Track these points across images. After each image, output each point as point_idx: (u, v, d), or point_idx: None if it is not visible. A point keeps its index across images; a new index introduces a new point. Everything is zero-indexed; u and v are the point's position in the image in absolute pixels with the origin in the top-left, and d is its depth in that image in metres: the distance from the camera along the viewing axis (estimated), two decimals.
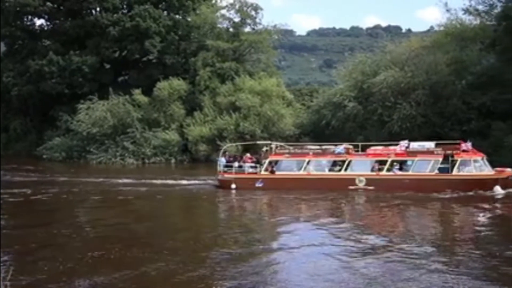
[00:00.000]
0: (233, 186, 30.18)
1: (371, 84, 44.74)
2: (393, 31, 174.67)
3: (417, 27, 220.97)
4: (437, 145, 29.39)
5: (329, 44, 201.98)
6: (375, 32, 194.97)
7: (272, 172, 30.43)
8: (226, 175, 30.99)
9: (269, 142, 33.08)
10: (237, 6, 54.66)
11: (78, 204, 27.18)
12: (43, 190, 30.49)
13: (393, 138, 37.79)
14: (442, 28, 49.90)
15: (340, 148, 30.38)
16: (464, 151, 28.50)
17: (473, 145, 29.30)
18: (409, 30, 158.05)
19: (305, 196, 27.47)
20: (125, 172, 41.56)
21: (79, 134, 51.62)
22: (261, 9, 54.99)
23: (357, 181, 28.98)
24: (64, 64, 54.49)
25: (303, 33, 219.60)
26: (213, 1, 58.55)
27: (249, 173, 30.99)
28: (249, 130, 47.66)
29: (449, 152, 28.47)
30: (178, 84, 51.35)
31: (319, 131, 47.47)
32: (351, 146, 31.12)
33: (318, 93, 56.31)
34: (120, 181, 34.75)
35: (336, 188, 28.37)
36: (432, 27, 65.38)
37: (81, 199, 28.57)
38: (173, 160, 49.77)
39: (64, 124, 53.78)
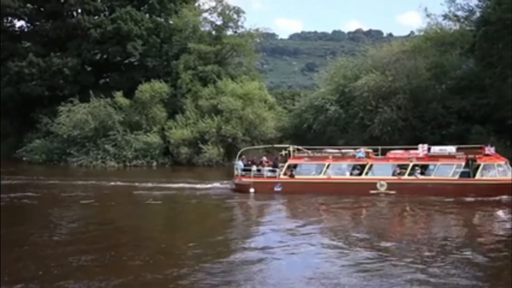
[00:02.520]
0: (252, 190, 29.76)
1: (353, 88, 45.04)
2: (374, 36, 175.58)
3: (398, 32, 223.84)
4: (458, 149, 29.06)
5: (311, 47, 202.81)
6: (356, 36, 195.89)
7: (291, 176, 29.99)
8: (244, 179, 30.54)
9: (287, 145, 32.32)
10: (219, 9, 54.64)
11: (75, 208, 26.79)
12: (29, 193, 30.13)
13: (374, 141, 38.16)
14: (422, 33, 50.40)
15: (361, 152, 30.02)
16: (486, 155, 28.17)
17: None
18: (390, 35, 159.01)
19: (327, 200, 27.03)
20: (114, 174, 41.13)
21: (60, 136, 51.20)
22: (243, 12, 55.10)
23: (378, 186, 28.66)
24: (45, 66, 53.99)
25: (285, 36, 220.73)
26: (195, 4, 58.45)
27: (268, 177, 30.52)
28: (231, 133, 47.65)
29: (471, 156, 28.17)
30: (160, 86, 51.13)
31: (300, 134, 47.57)
32: (370, 150, 30.75)
33: (300, 96, 56.40)
34: (115, 183, 34.41)
35: (357, 192, 28.08)
36: (412, 32, 66.21)
37: (79, 202, 28.13)
38: (154, 163, 49.46)
39: (45, 126, 53.28)
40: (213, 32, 55.30)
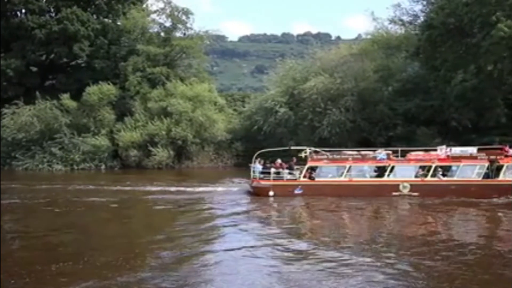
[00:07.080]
0: (271, 193, 29.06)
1: (302, 90, 45.52)
2: (323, 38, 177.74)
3: (346, 35, 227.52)
4: (478, 150, 28.82)
5: (260, 50, 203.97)
6: (305, 39, 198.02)
7: (311, 178, 29.39)
8: (263, 182, 29.70)
9: (304, 147, 31.39)
10: (168, 11, 54.29)
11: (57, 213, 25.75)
12: None
13: (323, 143, 38.66)
14: (369, 37, 51.47)
15: (383, 153, 29.51)
16: (507, 156, 28.03)
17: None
18: (338, 38, 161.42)
19: (352, 203, 26.37)
20: (76, 178, 40.06)
21: (4, 140, 49.86)
22: (192, 13, 54.78)
23: (401, 187, 28.18)
24: None
25: (235, 39, 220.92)
26: (144, 5, 57.88)
27: (287, 180, 29.80)
28: (181, 135, 47.46)
29: (492, 157, 28.03)
30: (108, 89, 50.39)
31: (251, 136, 47.81)
32: (391, 152, 30.11)
33: (250, 98, 56.62)
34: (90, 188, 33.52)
35: (380, 194, 27.66)
36: (360, 35, 67.26)
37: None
38: (103, 166, 48.84)
39: None
40: (162, 34, 54.95)
